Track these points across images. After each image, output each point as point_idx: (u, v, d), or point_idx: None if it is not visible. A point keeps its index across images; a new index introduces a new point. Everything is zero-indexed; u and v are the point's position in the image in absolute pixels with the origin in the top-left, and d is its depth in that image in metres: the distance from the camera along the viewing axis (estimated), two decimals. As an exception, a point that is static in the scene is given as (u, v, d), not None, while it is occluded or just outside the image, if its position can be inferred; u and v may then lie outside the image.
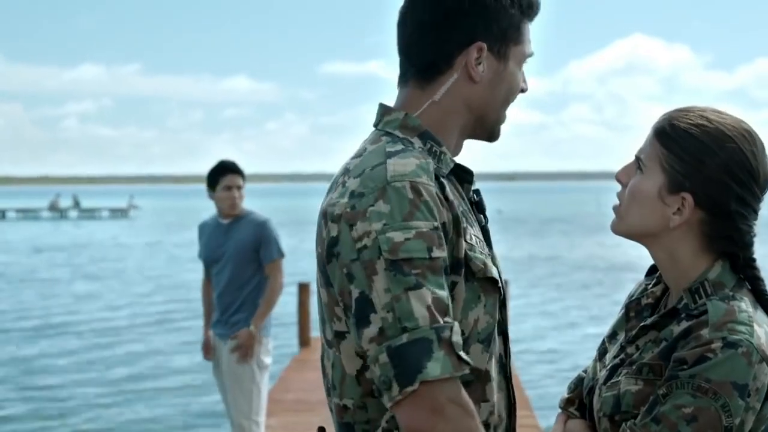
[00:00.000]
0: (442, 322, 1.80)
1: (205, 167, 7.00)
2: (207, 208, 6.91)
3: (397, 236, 1.83)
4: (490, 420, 2.02)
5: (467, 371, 1.83)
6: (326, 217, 1.94)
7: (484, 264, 1.98)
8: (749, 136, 2.00)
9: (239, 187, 6.62)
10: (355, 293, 1.87)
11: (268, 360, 6.61)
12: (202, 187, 6.82)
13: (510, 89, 2.12)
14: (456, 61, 2.07)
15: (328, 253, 1.93)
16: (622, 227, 2.10)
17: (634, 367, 2.01)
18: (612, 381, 2.05)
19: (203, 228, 6.88)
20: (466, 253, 1.95)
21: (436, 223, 1.86)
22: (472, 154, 2.23)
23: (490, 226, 2.19)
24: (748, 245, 2.04)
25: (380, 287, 1.83)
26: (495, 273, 2.01)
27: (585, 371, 2.28)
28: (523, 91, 2.16)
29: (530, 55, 2.15)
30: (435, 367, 1.77)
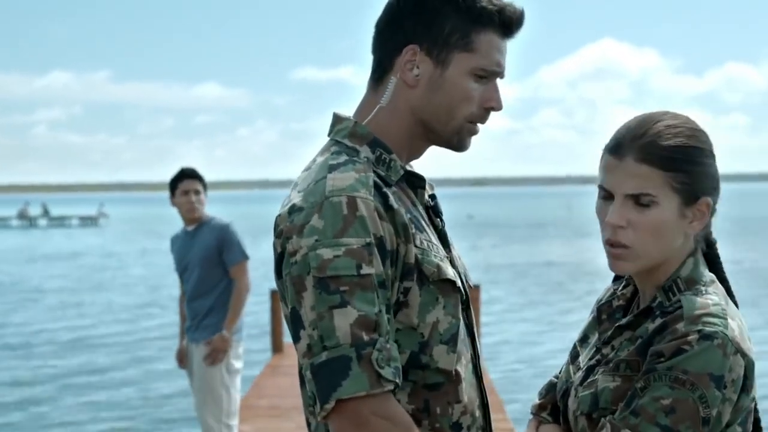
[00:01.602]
0: (365, 339, 1.83)
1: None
2: (176, 216, 6.93)
3: (327, 253, 1.86)
4: (462, 420, 2.04)
5: (390, 387, 1.85)
6: (274, 230, 1.97)
7: (437, 267, 2.00)
8: (685, 116, 2.07)
9: (197, 192, 6.68)
10: (288, 308, 1.93)
11: (238, 364, 6.65)
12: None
13: (452, 98, 2.07)
14: (395, 62, 2.08)
15: (276, 269, 1.98)
16: (639, 264, 2.04)
17: (611, 364, 2.02)
18: (588, 381, 2.06)
19: (174, 240, 6.96)
20: (416, 258, 1.97)
21: (369, 239, 1.88)
22: (440, 159, 2.27)
23: (462, 231, 2.21)
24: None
25: (308, 304, 1.87)
26: (451, 274, 2.03)
27: (556, 376, 2.29)
28: (493, 109, 2.11)
29: (492, 71, 2.08)
30: (351, 385, 1.82)
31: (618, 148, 2.01)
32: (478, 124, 2.13)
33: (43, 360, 17.38)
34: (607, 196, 2.04)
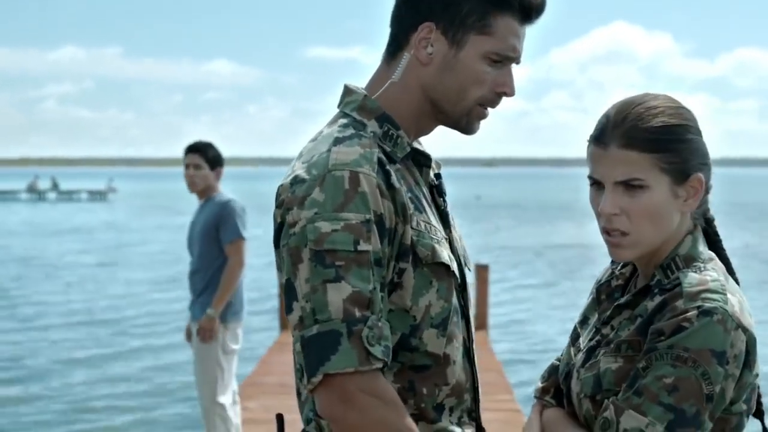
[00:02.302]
0: (357, 315, 1.84)
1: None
2: (185, 191, 6.96)
3: (325, 227, 1.87)
4: (446, 402, 2.05)
5: (378, 366, 1.85)
6: (275, 200, 1.98)
7: (432, 250, 2.00)
8: (667, 95, 2.06)
9: (197, 166, 6.67)
10: (283, 279, 1.93)
11: (234, 345, 6.63)
12: (181, 169, 6.86)
13: (464, 80, 2.06)
14: (411, 38, 2.07)
15: (275, 239, 1.98)
16: (639, 250, 2.04)
17: (612, 345, 2.02)
18: (590, 362, 2.06)
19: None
20: (412, 240, 1.97)
21: (368, 216, 1.89)
22: (450, 139, 2.29)
23: (469, 212, 2.22)
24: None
25: (302, 276, 1.87)
26: (445, 258, 2.03)
27: (558, 359, 2.29)
28: (505, 94, 2.10)
29: (507, 56, 2.07)
30: (339, 360, 1.83)
31: (601, 136, 2.01)
32: (488, 109, 2.12)
33: (63, 333, 17.31)
34: (597, 185, 2.05)
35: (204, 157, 6.70)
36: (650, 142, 1.97)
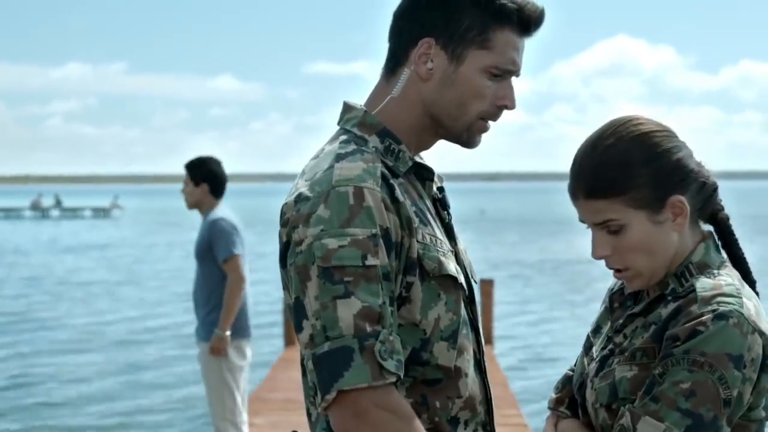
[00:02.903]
0: (368, 330, 1.83)
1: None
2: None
3: (332, 243, 1.86)
4: (461, 415, 2.04)
5: (392, 380, 1.84)
6: (280, 219, 1.98)
7: (439, 262, 1.99)
8: (628, 122, 2.03)
9: (186, 182, 6.71)
10: (292, 298, 1.92)
11: (241, 362, 6.60)
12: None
13: (464, 94, 2.05)
14: (410, 54, 2.07)
15: (282, 256, 1.98)
16: (649, 279, 2.05)
17: (626, 353, 2.01)
18: (604, 371, 2.05)
19: None
20: (418, 253, 1.97)
21: (375, 230, 1.88)
22: (453, 154, 2.27)
23: (473, 226, 2.21)
24: (714, 189, 2.08)
25: (311, 294, 1.86)
26: (452, 270, 2.02)
27: (571, 369, 2.28)
28: (506, 107, 2.10)
29: (507, 69, 2.07)
30: (352, 376, 1.81)
31: (571, 189, 2.05)
32: (489, 122, 2.12)
33: (97, 355, 17.15)
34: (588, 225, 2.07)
35: (189, 173, 6.72)
36: (611, 187, 1.98)
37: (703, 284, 1.95)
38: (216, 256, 6.50)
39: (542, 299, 24.52)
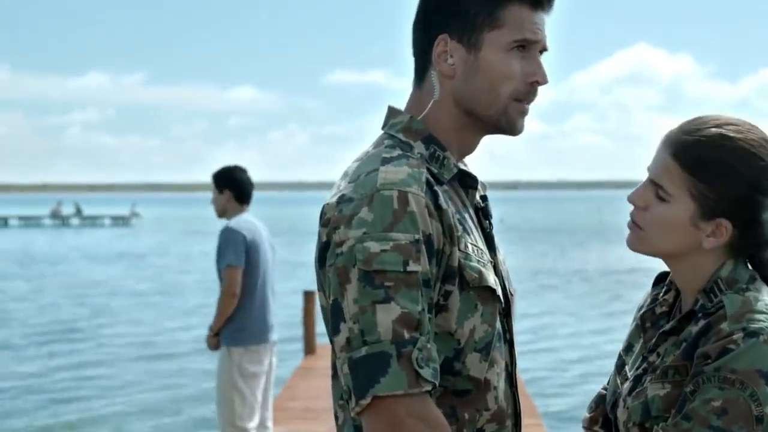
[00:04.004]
0: (407, 337, 1.80)
1: (207, 176, 7.15)
2: (210, 216, 7.06)
3: (374, 247, 1.83)
4: (487, 427, 2.01)
5: (428, 388, 1.81)
6: (320, 219, 1.95)
7: (479, 273, 1.96)
8: (766, 143, 1.98)
9: (213, 192, 6.83)
10: (330, 300, 1.89)
11: (255, 368, 6.61)
12: (205, 195, 6.97)
13: (491, 78, 2.02)
14: (432, 56, 2.05)
15: (320, 256, 1.94)
16: (647, 248, 2.06)
17: (658, 371, 1.99)
18: (637, 390, 2.03)
19: None
20: (459, 262, 1.94)
21: (417, 236, 1.85)
22: (473, 162, 2.24)
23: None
24: None
25: (350, 297, 1.83)
26: (491, 281, 1.99)
27: (605, 388, 2.26)
28: (537, 83, 2.05)
29: (525, 38, 2.01)
30: (389, 382, 1.78)
31: (667, 138, 2.02)
32: (526, 104, 2.07)
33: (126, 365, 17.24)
34: None
35: (214, 182, 6.84)
36: (693, 163, 1.96)
37: (732, 301, 1.93)
38: (219, 264, 6.58)
39: (564, 309, 24.47)
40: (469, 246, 1.98)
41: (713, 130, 1.98)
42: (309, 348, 13.52)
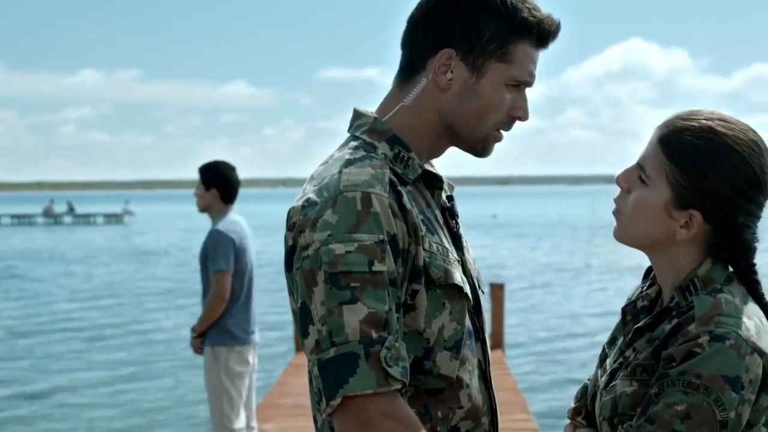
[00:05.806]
0: (374, 336, 1.81)
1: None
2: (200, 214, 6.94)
3: (339, 248, 1.84)
4: (461, 425, 2.02)
5: (398, 387, 1.82)
6: (286, 223, 1.96)
7: (445, 271, 1.98)
8: (757, 148, 1.96)
9: (198, 187, 6.73)
10: (299, 303, 1.90)
11: (241, 368, 6.59)
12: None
13: (484, 106, 2.05)
14: (428, 63, 2.06)
15: (287, 261, 1.96)
16: (625, 236, 2.07)
17: (628, 368, 1.99)
18: (610, 385, 2.04)
19: None
20: (425, 261, 1.95)
21: (382, 236, 1.87)
22: (465, 158, 2.21)
23: (484, 230, 2.18)
24: (751, 252, 2.02)
25: (318, 299, 1.85)
26: (458, 279, 2.01)
27: (589, 379, 2.26)
28: (519, 119, 2.10)
29: (525, 81, 2.07)
30: (358, 382, 1.79)
31: (663, 123, 2.03)
32: (503, 132, 2.12)
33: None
34: None
35: (201, 177, 6.73)
36: (673, 149, 1.96)
37: (702, 303, 1.91)
38: (207, 268, 6.52)
39: (555, 303, 24.50)
40: (434, 245, 1.99)
41: (704, 121, 1.97)
42: (299, 344, 13.47)
